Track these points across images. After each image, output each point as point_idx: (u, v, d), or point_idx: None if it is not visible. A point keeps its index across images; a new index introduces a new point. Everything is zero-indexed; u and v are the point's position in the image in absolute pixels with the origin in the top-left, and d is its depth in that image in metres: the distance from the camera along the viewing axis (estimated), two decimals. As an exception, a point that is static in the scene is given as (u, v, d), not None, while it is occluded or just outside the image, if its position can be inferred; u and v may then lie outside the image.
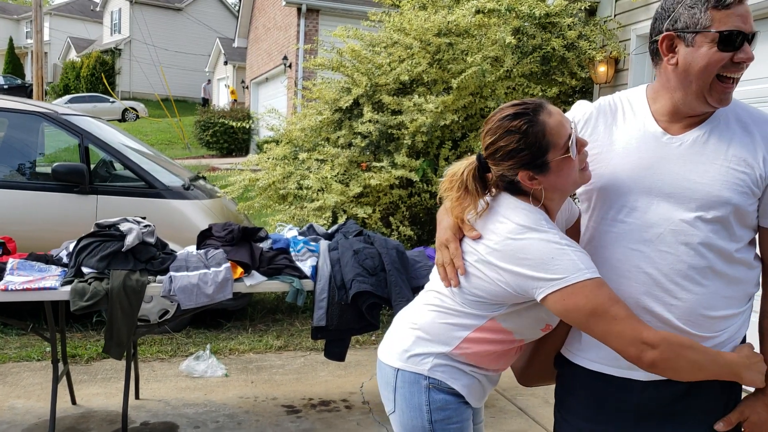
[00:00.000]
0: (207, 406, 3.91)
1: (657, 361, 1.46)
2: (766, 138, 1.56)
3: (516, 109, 1.58)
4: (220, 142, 19.58)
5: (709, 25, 1.50)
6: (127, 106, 27.82)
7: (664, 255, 1.57)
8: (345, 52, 5.78)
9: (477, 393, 1.75)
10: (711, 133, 1.58)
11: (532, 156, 1.55)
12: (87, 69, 33.52)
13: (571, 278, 1.49)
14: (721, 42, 1.50)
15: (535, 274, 1.51)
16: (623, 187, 1.63)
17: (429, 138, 5.47)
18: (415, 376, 1.71)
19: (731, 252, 1.56)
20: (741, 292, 1.60)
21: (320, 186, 5.34)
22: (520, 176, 1.58)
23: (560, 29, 5.34)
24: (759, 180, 1.55)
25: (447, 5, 6.00)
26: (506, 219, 1.57)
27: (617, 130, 1.69)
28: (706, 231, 1.54)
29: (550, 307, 1.52)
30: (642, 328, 1.47)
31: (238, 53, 25.73)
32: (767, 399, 1.62)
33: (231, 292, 3.31)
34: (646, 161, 1.61)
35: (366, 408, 3.97)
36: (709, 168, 1.55)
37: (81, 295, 3.12)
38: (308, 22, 15.17)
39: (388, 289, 3.39)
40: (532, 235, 1.53)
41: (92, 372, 4.40)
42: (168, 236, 3.95)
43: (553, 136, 1.55)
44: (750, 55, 1.52)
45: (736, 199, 1.53)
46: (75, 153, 5.42)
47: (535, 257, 1.51)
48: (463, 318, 1.66)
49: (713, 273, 1.56)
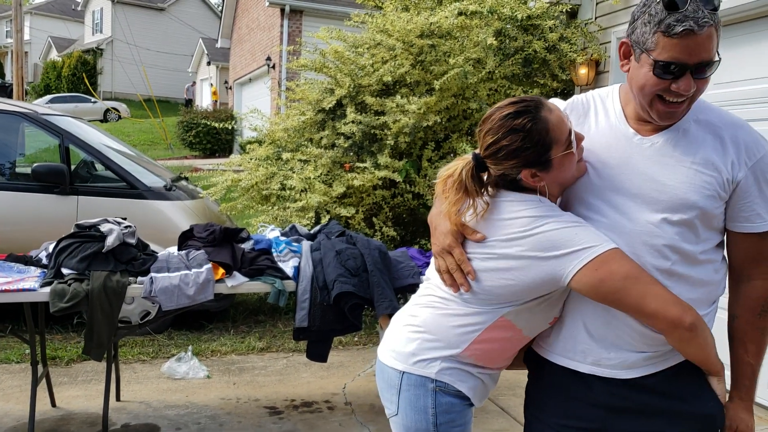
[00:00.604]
0: (188, 407, 3.90)
1: (696, 324, 1.49)
2: (736, 142, 1.56)
3: (517, 107, 1.55)
4: (203, 142, 19.48)
5: (653, 49, 1.47)
6: (109, 107, 27.59)
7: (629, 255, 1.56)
8: (328, 53, 5.78)
9: (481, 393, 1.75)
10: (682, 136, 1.58)
11: (536, 154, 1.54)
12: (68, 69, 33.21)
13: (600, 248, 1.50)
14: (657, 69, 1.47)
15: (564, 252, 1.50)
16: (590, 185, 1.63)
17: (412, 139, 5.49)
18: (421, 379, 1.69)
19: (696, 254, 1.57)
20: (705, 294, 1.60)
21: (303, 186, 5.34)
22: (522, 174, 1.57)
23: (541, 32, 5.38)
24: (726, 184, 1.55)
25: (429, 7, 6.03)
26: (516, 215, 1.56)
27: (589, 129, 1.69)
28: (672, 233, 1.55)
29: (581, 283, 1.51)
30: (674, 294, 1.51)
31: (221, 54, 25.63)
32: (746, 404, 1.65)
33: (212, 293, 3.30)
34: (616, 161, 1.61)
35: (348, 409, 3.97)
36: (677, 170, 1.55)
37: (61, 297, 3.09)
38: (292, 23, 15.16)
39: (371, 289, 3.39)
40: (549, 222, 1.53)
41: (73, 374, 4.36)
42: (149, 237, 3.93)
43: (555, 133, 1.54)
44: (685, 88, 1.46)
45: (703, 202, 1.54)
46: (55, 153, 5.37)
47: (559, 239, 1.51)
48: (472, 317, 1.64)
49: (677, 275, 1.56)
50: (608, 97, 1.71)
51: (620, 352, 1.60)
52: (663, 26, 1.43)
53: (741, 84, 4.24)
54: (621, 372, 1.61)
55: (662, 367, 1.60)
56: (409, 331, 1.73)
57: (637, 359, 1.59)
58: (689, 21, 1.40)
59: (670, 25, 1.42)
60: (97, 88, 33.57)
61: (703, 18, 1.40)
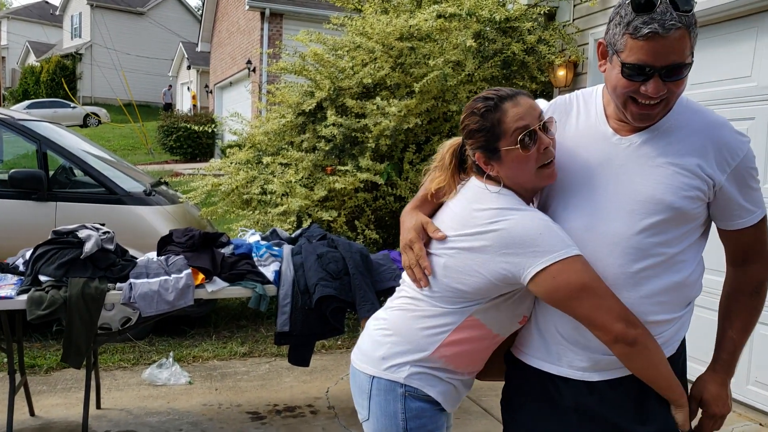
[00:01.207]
0: (170, 414, 3.86)
1: (638, 339, 1.50)
2: (718, 143, 1.55)
3: (488, 93, 1.63)
4: (183, 147, 19.35)
5: (622, 50, 1.47)
6: (88, 112, 27.32)
7: (601, 256, 1.56)
8: (308, 56, 5.77)
9: (452, 399, 1.75)
10: (661, 136, 1.57)
11: (485, 139, 1.60)
12: (47, 74, 32.87)
13: (561, 254, 1.50)
14: (625, 71, 1.48)
15: (524, 251, 1.50)
16: (567, 185, 1.64)
17: (393, 141, 5.49)
18: (391, 384, 1.69)
19: (670, 256, 1.56)
20: (678, 297, 1.60)
21: (284, 190, 5.32)
22: (476, 157, 1.63)
23: (520, 34, 5.41)
24: (708, 185, 1.55)
25: (408, 10, 6.03)
26: (481, 205, 1.58)
27: (569, 128, 1.69)
28: (646, 235, 1.54)
29: (539, 287, 1.52)
30: (626, 307, 1.52)
31: (201, 57, 25.50)
32: (720, 377, 1.68)
33: (192, 298, 3.28)
34: (594, 161, 1.62)
35: (331, 413, 3.96)
36: (654, 171, 1.55)
37: (38, 304, 3.06)
38: (272, 27, 15.11)
39: (352, 293, 3.39)
40: (514, 215, 1.54)
41: (52, 382, 4.31)
42: (129, 243, 3.90)
43: (506, 125, 1.57)
44: (653, 91, 1.45)
45: (679, 203, 1.53)
46: (33, 159, 5.31)
47: (522, 236, 1.51)
48: (441, 318, 1.64)
49: (649, 277, 1.56)
50: (591, 97, 1.72)
51: (590, 353, 1.60)
52: (630, 28, 1.44)
53: (717, 84, 4.29)
54: (593, 375, 1.61)
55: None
56: (379, 335, 1.74)
57: (609, 361, 1.59)
58: (655, 23, 1.40)
59: (636, 27, 1.42)
60: (77, 93, 33.24)
61: (670, 21, 1.39)
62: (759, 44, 4.02)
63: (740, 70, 4.14)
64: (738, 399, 4.14)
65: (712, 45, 4.34)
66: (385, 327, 1.74)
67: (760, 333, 3.99)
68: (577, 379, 1.62)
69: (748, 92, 4.07)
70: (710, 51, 4.35)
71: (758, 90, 4.01)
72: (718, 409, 1.69)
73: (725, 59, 4.24)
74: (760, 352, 3.99)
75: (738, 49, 4.16)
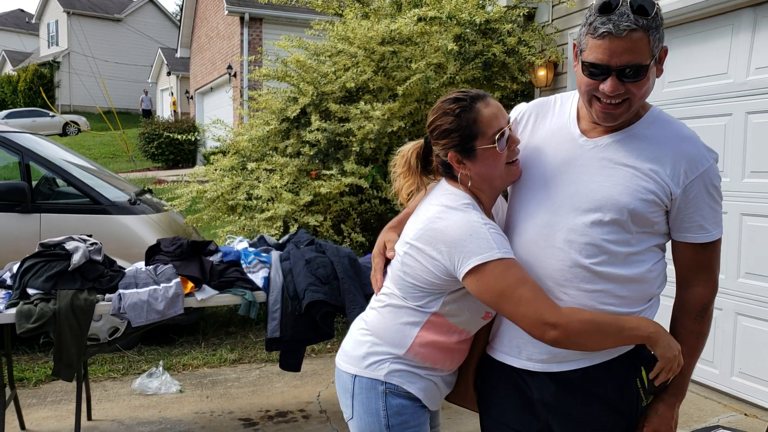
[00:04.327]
0: (162, 423, 3.86)
1: (559, 339, 1.54)
2: (679, 155, 1.59)
3: (458, 94, 1.69)
4: (165, 153, 19.24)
5: (584, 50, 1.54)
6: (67, 120, 27.07)
7: (556, 252, 1.62)
8: (290, 62, 5.78)
9: (433, 396, 1.79)
10: (626, 141, 1.62)
11: (461, 138, 1.66)
12: (24, 83, 32.52)
13: (483, 257, 1.56)
14: (584, 69, 1.55)
15: (454, 251, 1.58)
16: (532, 183, 1.70)
17: (377, 145, 5.52)
18: (371, 381, 1.75)
19: (625, 255, 1.61)
20: (639, 292, 1.64)
21: (270, 196, 5.33)
22: (449, 157, 1.68)
23: (500, 35, 5.47)
24: (665, 193, 1.59)
25: (389, 14, 6.07)
26: (434, 203, 1.68)
27: (542, 128, 1.75)
28: (601, 233, 1.59)
29: (469, 287, 1.60)
30: (545, 310, 1.54)
31: (181, 63, 25.36)
32: (669, 399, 1.69)
33: (182, 307, 3.29)
34: (558, 160, 1.67)
35: (323, 417, 3.98)
36: (615, 172, 1.60)
37: (27, 317, 3.05)
38: (251, 31, 15.08)
39: (342, 297, 3.41)
40: (452, 214, 1.62)
41: (41, 395, 4.29)
42: (115, 253, 3.90)
43: (483, 125, 1.65)
44: (609, 90, 1.51)
45: (634, 204, 1.57)
46: (15, 171, 5.28)
47: (452, 236, 1.59)
48: (410, 315, 1.72)
49: (603, 273, 1.60)
50: (568, 100, 1.77)
51: (546, 346, 1.63)
52: (591, 28, 1.51)
53: (694, 81, 4.36)
54: (552, 366, 1.66)
55: (597, 360, 1.64)
56: (360, 335, 1.81)
57: (567, 352, 1.63)
58: (610, 24, 1.46)
59: (595, 27, 1.49)
60: (55, 102, 32.93)
61: (625, 22, 1.45)
62: (735, 41, 4.10)
63: (717, 67, 4.21)
64: (723, 390, 4.22)
65: (689, 42, 4.42)
66: (364, 327, 1.81)
67: (743, 325, 4.07)
68: (539, 371, 1.68)
69: (724, 89, 4.15)
70: (687, 48, 4.43)
71: (734, 87, 4.08)
72: (662, 428, 1.68)
73: (702, 56, 4.31)
74: (744, 345, 4.07)
75: (714, 47, 4.24)
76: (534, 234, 1.66)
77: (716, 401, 4.18)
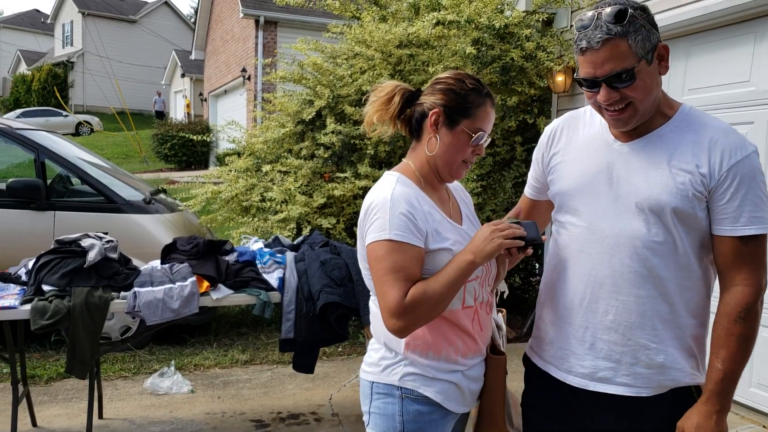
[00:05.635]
0: (173, 423, 3.84)
1: (401, 328, 1.61)
2: (714, 144, 1.58)
3: (479, 83, 1.76)
4: (178, 155, 19.30)
5: (578, 67, 1.61)
6: (80, 120, 27.22)
7: (605, 258, 1.63)
8: (307, 65, 5.77)
9: (455, 397, 1.74)
10: (660, 140, 1.63)
11: (456, 106, 1.71)
12: (38, 82, 32.75)
13: (373, 236, 1.63)
14: (581, 83, 1.61)
15: (366, 223, 1.66)
16: (574, 192, 1.72)
17: (392, 148, 5.50)
18: (388, 387, 1.73)
19: (674, 256, 1.60)
20: (690, 292, 1.64)
21: (284, 198, 5.31)
22: (433, 112, 1.72)
23: (518, 40, 5.43)
24: (702, 184, 1.57)
25: (407, 17, 6.05)
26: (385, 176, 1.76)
27: (576, 139, 1.78)
28: (648, 235, 1.60)
29: None
30: (392, 300, 1.58)
31: (195, 65, 25.45)
32: (705, 408, 1.60)
33: (197, 306, 3.27)
34: (595, 167, 1.69)
35: (335, 420, 3.95)
36: (652, 173, 1.60)
37: (42, 314, 3.04)
38: (266, 34, 15.11)
39: (356, 299, 3.38)
40: (379, 192, 1.67)
41: (52, 392, 4.28)
42: (129, 251, 3.87)
43: (478, 114, 1.72)
44: (603, 99, 1.57)
45: (675, 202, 1.57)
46: (30, 168, 5.29)
47: (366, 209, 1.68)
48: None
49: (654, 277, 1.60)
50: None
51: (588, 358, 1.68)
52: (575, 46, 1.60)
53: (716, 89, 4.31)
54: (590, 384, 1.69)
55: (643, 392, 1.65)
56: (373, 341, 1.81)
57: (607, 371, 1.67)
58: (585, 39, 1.54)
59: (577, 44, 1.58)
60: (69, 102, 33.13)
61: (597, 35, 1.52)
62: (757, 49, 4.05)
63: (739, 74, 4.16)
64: (740, 401, 4.15)
65: (710, 50, 4.37)
66: (374, 332, 1.81)
67: (762, 336, 4.01)
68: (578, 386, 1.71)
69: (746, 97, 4.10)
70: (708, 56, 4.38)
71: (757, 94, 4.03)
72: None
73: (723, 64, 4.27)
74: (762, 354, 4.01)
75: (736, 54, 4.19)
76: (582, 242, 1.68)
77: (733, 412, 4.12)
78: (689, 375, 1.66)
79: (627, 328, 1.63)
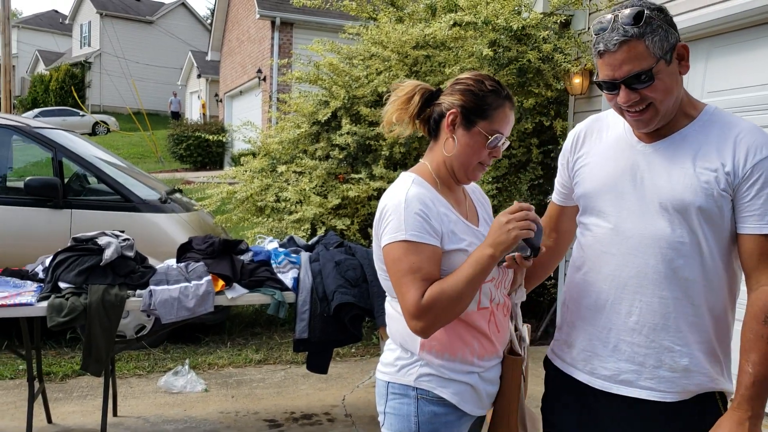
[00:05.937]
0: (187, 422, 3.85)
1: (423, 328, 1.59)
2: (739, 141, 1.56)
3: (498, 84, 1.75)
4: (193, 155, 19.41)
5: (597, 71, 1.61)
6: (97, 120, 27.45)
7: (631, 258, 1.62)
8: (323, 66, 5.78)
9: (471, 399, 1.72)
10: (683, 140, 1.62)
11: (474, 107, 1.70)
12: (56, 82, 33.07)
13: (388, 237, 1.62)
14: (601, 87, 1.60)
15: (381, 225, 1.66)
16: (598, 193, 1.71)
17: (407, 149, 5.49)
18: (403, 387, 1.72)
19: (700, 256, 1.58)
20: (715, 293, 1.62)
21: (298, 198, 5.32)
22: (450, 112, 1.71)
23: (535, 42, 5.40)
24: (727, 181, 1.55)
25: (423, 18, 6.04)
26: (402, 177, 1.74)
27: (600, 142, 1.77)
28: (673, 236, 1.59)
29: None
30: (410, 301, 1.58)
31: (211, 66, 25.58)
32: (736, 414, 1.53)
33: (212, 305, 3.27)
34: (620, 169, 1.68)
35: (348, 421, 3.94)
36: (676, 173, 1.59)
37: (58, 311, 3.06)
38: (282, 36, 15.16)
39: (371, 300, 3.37)
40: (394, 195, 1.66)
41: (67, 390, 4.31)
42: (144, 250, 3.89)
43: (496, 116, 1.71)
44: (623, 101, 1.56)
45: (700, 201, 1.56)
46: (47, 167, 5.33)
47: (382, 211, 1.67)
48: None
49: (679, 278, 1.59)
50: None
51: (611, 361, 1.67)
52: (594, 49, 1.60)
53: (738, 92, 4.26)
54: (613, 387, 1.67)
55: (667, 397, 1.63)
56: (390, 342, 1.80)
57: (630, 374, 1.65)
58: (603, 42, 1.54)
59: (595, 47, 1.58)
60: (86, 102, 33.42)
61: (614, 37, 1.52)
62: (778, 52, 4.00)
63: (759, 77, 4.11)
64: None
65: (730, 52, 4.33)
66: (389, 332, 1.81)
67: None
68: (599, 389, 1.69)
69: (767, 100, 4.05)
70: (728, 58, 4.33)
71: (778, 98, 3.98)
72: None
73: (744, 67, 4.22)
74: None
75: (757, 56, 4.14)
76: (606, 243, 1.67)
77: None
78: (714, 380, 1.62)
79: (651, 330, 1.61)
